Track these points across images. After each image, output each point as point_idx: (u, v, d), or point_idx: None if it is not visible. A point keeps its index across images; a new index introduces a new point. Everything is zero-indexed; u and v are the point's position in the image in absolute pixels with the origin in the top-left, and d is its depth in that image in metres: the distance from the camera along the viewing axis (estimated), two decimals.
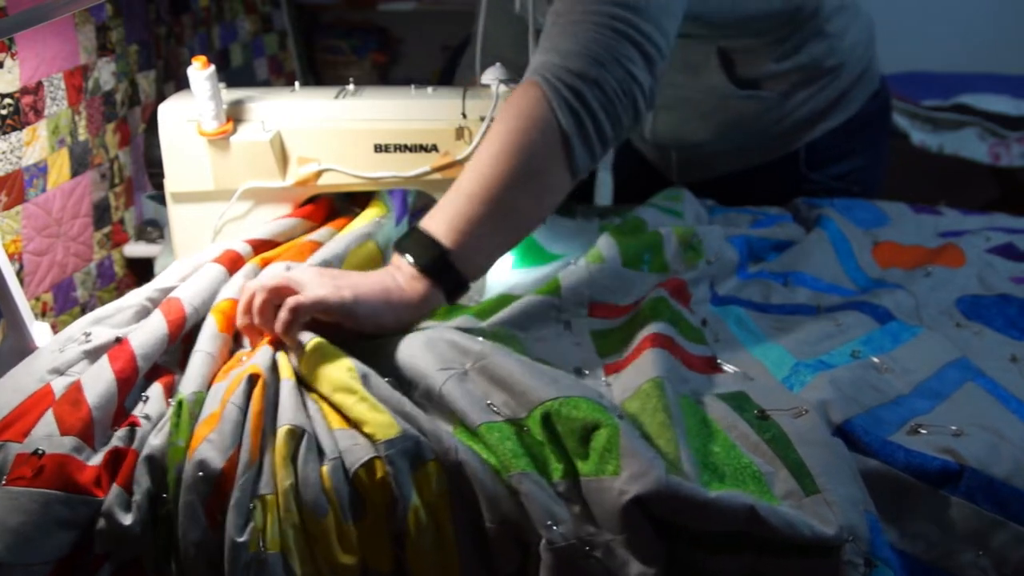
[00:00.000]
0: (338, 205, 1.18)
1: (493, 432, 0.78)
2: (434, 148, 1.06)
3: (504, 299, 1.06)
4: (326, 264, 0.98)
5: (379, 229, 1.08)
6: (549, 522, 0.74)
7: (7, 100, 1.13)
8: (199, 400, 0.81)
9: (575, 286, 1.05)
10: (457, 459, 0.77)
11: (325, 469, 0.77)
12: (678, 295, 1.04)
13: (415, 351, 0.86)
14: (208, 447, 0.75)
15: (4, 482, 0.73)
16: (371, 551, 0.78)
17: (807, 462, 0.77)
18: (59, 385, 0.81)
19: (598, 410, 0.77)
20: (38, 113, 1.19)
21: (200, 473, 0.74)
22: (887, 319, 1.03)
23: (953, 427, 0.82)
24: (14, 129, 1.15)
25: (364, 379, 0.82)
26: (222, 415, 0.77)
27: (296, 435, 0.78)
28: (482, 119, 1.05)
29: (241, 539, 0.73)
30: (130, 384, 0.82)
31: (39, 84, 1.19)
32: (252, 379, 0.81)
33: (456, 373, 0.83)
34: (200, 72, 1.00)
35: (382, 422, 0.78)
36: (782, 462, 0.78)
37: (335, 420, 0.81)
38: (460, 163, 1.06)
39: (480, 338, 0.89)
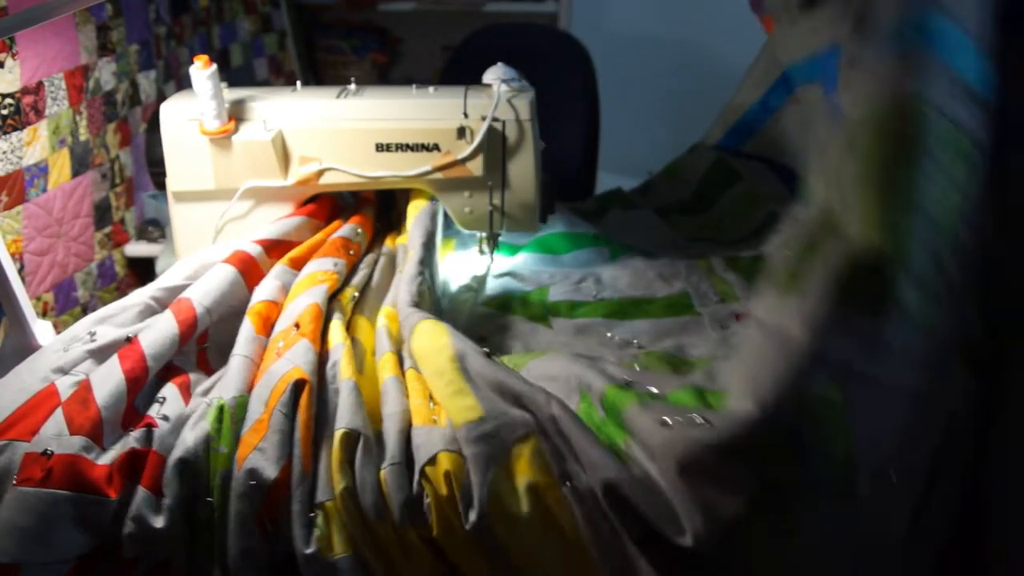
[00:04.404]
0: (340, 203, 1.18)
1: (618, 393, 0.78)
2: (436, 147, 1.06)
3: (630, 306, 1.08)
4: (424, 262, 1.00)
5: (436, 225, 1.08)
6: None
7: (8, 100, 1.13)
8: (240, 404, 0.80)
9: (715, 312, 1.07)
10: (552, 413, 0.75)
11: (383, 473, 0.76)
12: None
13: (557, 361, 0.86)
14: (259, 457, 0.74)
15: (14, 482, 0.72)
16: (459, 557, 0.75)
17: None
18: (63, 384, 0.80)
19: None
20: (39, 113, 1.19)
21: (252, 482, 0.74)
22: None
23: None
24: (15, 129, 1.15)
25: (462, 359, 0.81)
26: (269, 423, 0.76)
27: (352, 438, 0.77)
28: (483, 119, 1.05)
29: (310, 550, 0.72)
30: (140, 384, 0.81)
31: (40, 84, 1.19)
32: (298, 385, 0.79)
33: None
34: (202, 71, 1.00)
35: (464, 406, 0.76)
36: None
37: (419, 416, 0.80)
38: (461, 162, 1.06)
39: (636, 367, 0.89)
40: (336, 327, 0.91)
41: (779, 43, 1.30)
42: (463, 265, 1.19)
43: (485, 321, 1.03)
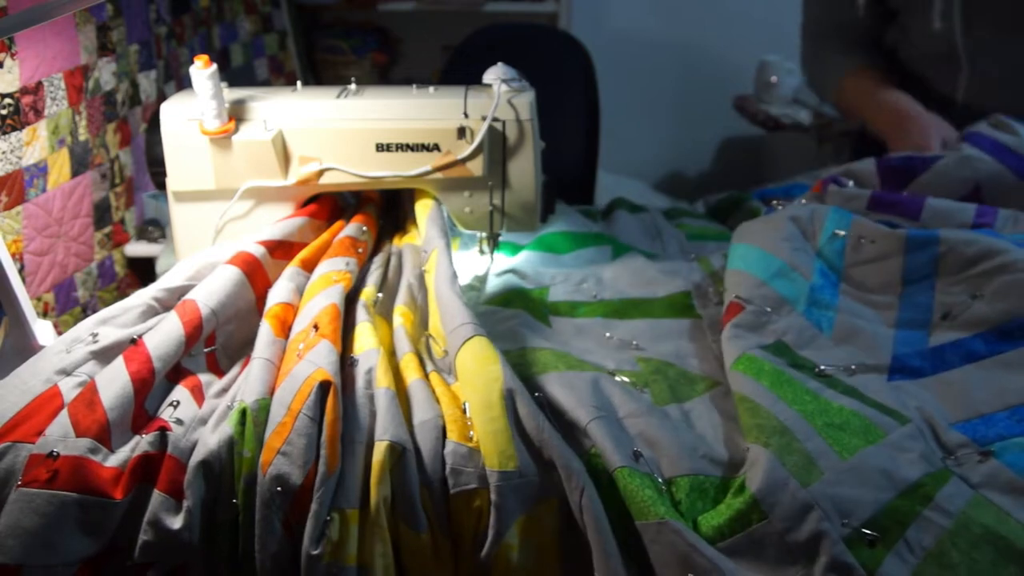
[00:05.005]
0: (341, 203, 1.18)
1: (634, 478, 0.74)
2: (436, 147, 1.06)
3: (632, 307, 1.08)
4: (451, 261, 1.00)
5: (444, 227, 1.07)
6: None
7: (7, 100, 1.13)
8: (263, 407, 0.79)
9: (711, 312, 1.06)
10: (579, 502, 0.74)
11: (427, 489, 0.76)
12: None
13: (574, 384, 0.85)
14: (284, 461, 0.73)
15: (19, 483, 0.72)
16: (465, 570, 0.77)
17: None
18: (67, 386, 0.80)
19: (741, 491, 0.74)
20: (38, 113, 1.19)
21: (278, 488, 0.73)
22: None
23: None
24: (14, 129, 1.14)
25: (509, 395, 0.79)
26: (294, 426, 0.75)
27: (396, 452, 0.76)
28: (483, 119, 1.05)
29: (316, 551, 0.72)
30: (147, 386, 0.81)
31: (39, 84, 1.19)
32: (324, 387, 0.78)
33: (606, 416, 0.81)
34: (202, 71, 1.00)
35: (503, 452, 0.76)
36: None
37: (454, 429, 0.79)
38: (461, 162, 1.06)
39: (644, 391, 0.88)
40: (366, 330, 0.91)
41: None
42: (464, 265, 1.19)
43: (486, 319, 1.03)
